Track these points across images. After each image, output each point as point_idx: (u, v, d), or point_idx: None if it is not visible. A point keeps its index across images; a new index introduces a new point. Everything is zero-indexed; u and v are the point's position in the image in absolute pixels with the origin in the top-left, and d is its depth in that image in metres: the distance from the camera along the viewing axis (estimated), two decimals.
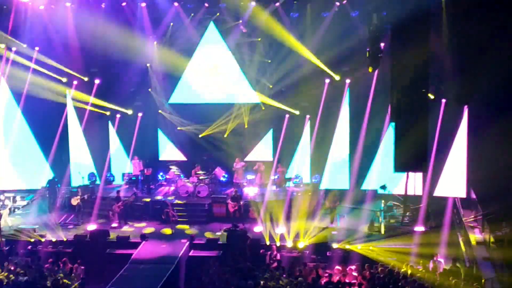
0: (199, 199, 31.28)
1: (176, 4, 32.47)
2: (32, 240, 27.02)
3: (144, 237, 27.22)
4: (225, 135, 33.67)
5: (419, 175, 29.20)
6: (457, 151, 29.47)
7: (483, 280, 21.66)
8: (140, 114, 34.16)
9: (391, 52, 19.27)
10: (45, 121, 32.73)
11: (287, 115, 33.06)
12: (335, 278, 21.90)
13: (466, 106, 29.06)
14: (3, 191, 32.09)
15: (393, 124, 23.89)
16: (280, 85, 33.10)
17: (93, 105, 33.35)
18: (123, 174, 33.92)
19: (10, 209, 30.56)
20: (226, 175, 33.29)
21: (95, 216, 29.72)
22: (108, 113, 34.04)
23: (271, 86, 33.14)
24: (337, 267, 23.04)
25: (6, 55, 31.45)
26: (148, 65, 33.57)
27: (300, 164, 33.33)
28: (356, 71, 30.70)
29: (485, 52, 25.23)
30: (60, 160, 33.02)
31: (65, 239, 27.28)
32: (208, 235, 27.70)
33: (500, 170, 26.00)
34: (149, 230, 28.58)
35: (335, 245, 25.91)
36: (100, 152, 34.00)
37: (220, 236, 27.41)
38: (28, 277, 21.98)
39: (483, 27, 24.43)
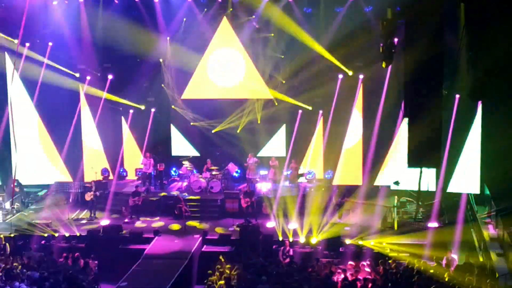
0: (212, 194, 31.30)
1: None
2: (46, 235, 27.13)
3: (157, 232, 27.28)
4: (238, 131, 33.64)
5: (432, 171, 29.06)
6: (471, 147, 29.33)
7: (496, 276, 21.59)
8: (153, 110, 34.20)
9: (404, 47, 19.18)
10: (58, 116, 32.80)
11: (300, 111, 33.00)
12: (349, 274, 21.84)
13: (480, 102, 28.92)
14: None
15: (406, 119, 23.87)
16: (293, 81, 33.06)
17: (106, 100, 33.45)
18: (137, 170, 33.95)
19: None
20: (239, 171, 33.28)
21: (108, 211, 29.83)
22: (120, 108, 34.18)
23: (284, 82, 33.10)
24: (350, 262, 22.99)
25: (19, 51, 31.48)
26: (161, 60, 33.58)
27: (313, 159, 33.28)
28: (370, 66, 30.59)
29: (500, 47, 25.09)
30: (73, 155, 33.09)
31: (78, 234, 27.40)
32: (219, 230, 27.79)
33: None
34: (161, 225, 28.65)
35: (348, 241, 25.87)
36: (113, 147, 34.10)
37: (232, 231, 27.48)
38: (41, 272, 22.02)
39: (499, 21, 24.29)
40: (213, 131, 34.03)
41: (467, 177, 29.44)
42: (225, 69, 33.47)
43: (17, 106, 31.94)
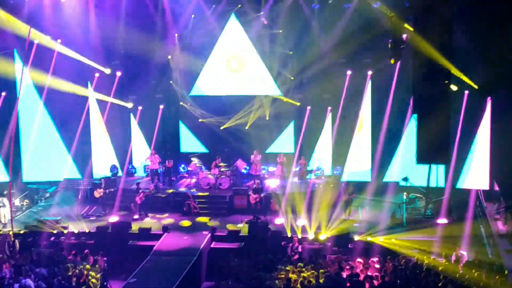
0: (221, 191, 31.34)
1: None
2: (55, 231, 27.21)
3: (165, 229, 27.30)
4: (247, 127, 33.65)
5: (441, 167, 29.03)
6: (480, 143, 29.24)
7: (505, 272, 21.55)
8: (161, 107, 34.23)
9: (413, 44, 19.16)
10: (67, 113, 32.85)
11: (308, 107, 32.93)
12: (358, 270, 21.83)
13: (489, 98, 28.84)
14: (27, 183, 32.39)
15: (415, 115, 23.84)
16: (301, 77, 33.02)
17: (115, 97, 33.52)
18: (145, 166, 34.00)
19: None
20: (247, 167, 33.26)
21: (117, 208, 29.86)
22: (130, 105, 34.27)
23: (292, 78, 33.07)
24: (359, 259, 22.97)
25: (28, 48, 31.54)
26: (169, 57, 33.60)
27: (322, 156, 33.24)
28: (378, 63, 30.49)
29: (509, 43, 25.01)
30: (82, 152, 33.16)
31: (87, 231, 27.45)
32: (230, 227, 27.76)
33: None
34: (170, 221, 28.69)
35: (356, 237, 25.85)
36: (121, 144, 34.14)
37: (241, 228, 27.47)
38: (50, 269, 22.10)
39: (507, 16, 24.22)
40: (221, 128, 34.04)
41: (476, 173, 29.36)
42: (233, 65, 33.45)
43: (26, 104, 32.04)
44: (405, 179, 29.63)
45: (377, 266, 22.39)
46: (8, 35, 30.83)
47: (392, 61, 26.45)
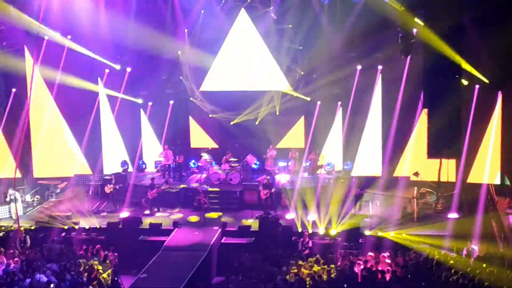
0: (231, 186, 31.34)
1: None
2: (66, 227, 27.29)
3: (176, 224, 27.34)
4: (257, 123, 33.60)
5: (452, 162, 28.94)
6: (491, 137, 29.15)
7: None
8: (171, 102, 34.24)
9: (423, 38, 19.09)
10: (77, 109, 32.89)
11: (318, 102, 32.85)
12: (368, 265, 21.80)
13: (500, 92, 28.74)
14: (37, 179, 32.49)
15: (425, 110, 23.78)
16: (311, 72, 32.93)
17: (125, 93, 33.57)
18: (156, 162, 34.03)
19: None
20: (257, 162, 33.24)
21: (128, 203, 29.91)
22: (140, 101, 34.33)
23: (302, 73, 33.00)
24: (370, 253, 22.94)
25: (38, 44, 31.56)
26: (179, 52, 33.56)
27: (332, 151, 33.20)
28: (389, 57, 30.39)
29: None
30: (92, 148, 33.22)
31: (98, 227, 27.52)
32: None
33: None
34: (181, 217, 28.74)
35: (367, 232, 25.82)
36: (132, 140, 34.20)
37: (252, 223, 27.47)
38: (61, 264, 22.16)
39: None
40: (231, 123, 34.02)
41: (487, 168, 29.28)
42: (243, 61, 33.42)
43: (37, 100, 32.09)
44: (416, 173, 29.54)
45: (388, 261, 22.35)
46: (18, 31, 30.89)
47: (402, 56, 26.39)
